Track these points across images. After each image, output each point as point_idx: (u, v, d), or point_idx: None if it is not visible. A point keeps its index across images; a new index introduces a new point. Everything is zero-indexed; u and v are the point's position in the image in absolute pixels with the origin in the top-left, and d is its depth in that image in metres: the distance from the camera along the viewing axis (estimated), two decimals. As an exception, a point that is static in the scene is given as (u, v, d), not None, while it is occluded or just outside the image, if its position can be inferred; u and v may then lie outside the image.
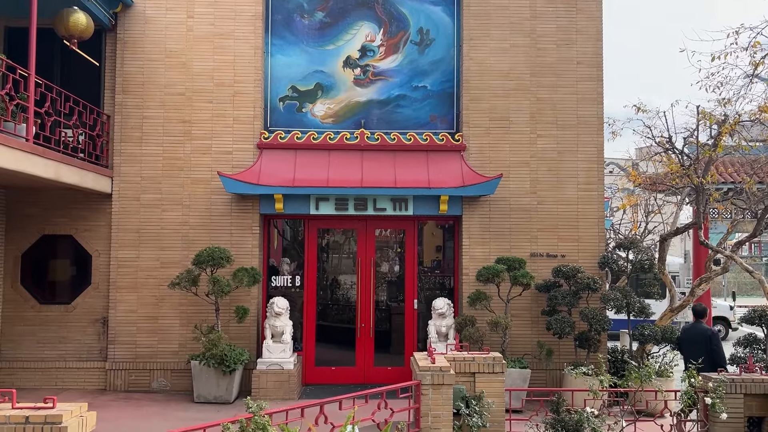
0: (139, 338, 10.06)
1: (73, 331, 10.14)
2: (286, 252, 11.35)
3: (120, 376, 9.98)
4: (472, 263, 10.41)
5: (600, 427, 6.92)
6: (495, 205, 10.51)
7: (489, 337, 9.80)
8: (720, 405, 7.17)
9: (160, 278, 10.07)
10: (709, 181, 9.74)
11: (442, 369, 7.03)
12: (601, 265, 10.37)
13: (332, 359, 10.88)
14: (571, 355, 10.00)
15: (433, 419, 6.97)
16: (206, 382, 9.29)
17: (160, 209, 10.24)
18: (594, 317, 9.57)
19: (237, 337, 10.00)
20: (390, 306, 11.27)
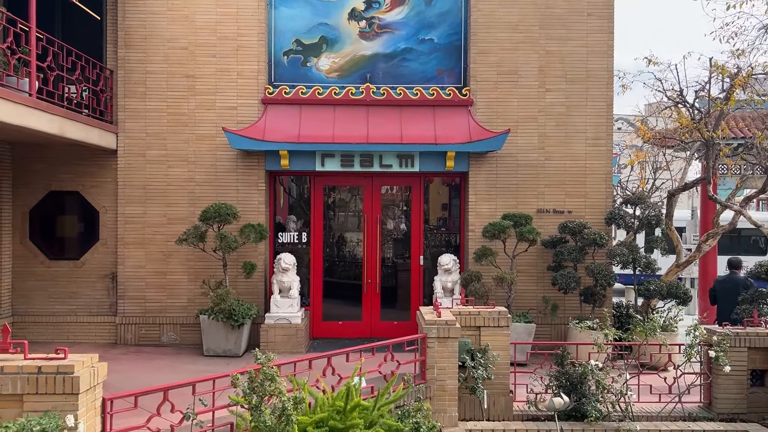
0: (148, 293, 10.17)
1: (82, 286, 10.25)
2: (292, 210, 11.35)
3: (130, 330, 10.13)
4: (478, 219, 10.40)
5: (604, 380, 7.01)
6: (502, 161, 10.43)
7: (494, 292, 9.85)
8: (723, 358, 7.24)
9: (167, 234, 10.11)
10: (719, 136, 9.61)
11: (447, 322, 7.10)
12: (608, 221, 10.33)
13: (339, 314, 11.00)
14: (576, 310, 10.07)
15: (438, 371, 7.08)
16: (215, 336, 9.42)
17: (165, 165, 10.21)
18: (600, 272, 9.59)
19: (245, 293, 10.10)
20: (396, 263, 11.32)
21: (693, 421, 7.30)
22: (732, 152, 11.23)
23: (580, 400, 7.08)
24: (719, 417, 7.40)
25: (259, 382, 4.85)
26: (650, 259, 9.93)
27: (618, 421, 7.05)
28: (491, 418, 7.36)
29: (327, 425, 5.33)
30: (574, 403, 7.06)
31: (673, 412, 7.46)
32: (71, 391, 4.20)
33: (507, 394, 7.52)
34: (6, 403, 4.19)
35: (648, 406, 7.54)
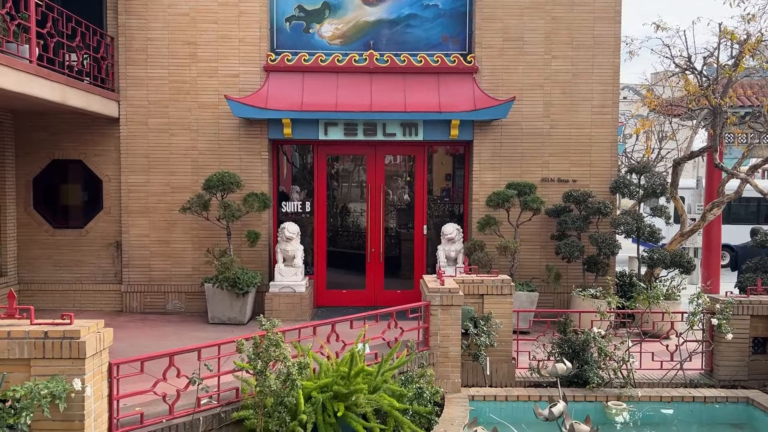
0: (153, 262, 10.21)
1: (87, 254, 10.30)
2: (295, 180, 11.31)
3: (135, 298, 10.21)
4: (482, 189, 10.36)
5: (606, 347, 7.05)
6: (507, 130, 10.34)
7: (498, 261, 9.87)
8: (726, 326, 7.27)
9: (170, 203, 10.11)
10: (727, 103, 9.49)
11: (451, 290, 7.13)
12: (613, 190, 10.28)
13: (343, 283, 11.05)
14: (579, 279, 10.08)
15: (441, 338, 7.13)
16: (220, 304, 9.48)
17: (168, 134, 10.16)
18: (603, 241, 9.58)
19: (249, 261, 10.13)
20: (400, 233, 11.32)
21: (694, 388, 7.36)
22: (739, 120, 11.11)
23: (582, 367, 7.14)
24: (720, 383, 7.45)
25: (264, 348, 4.89)
26: (654, 228, 9.91)
27: (620, 387, 7.12)
28: (494, 384, 7.44)
29: (331, 390, 5.39)
30: (577, 369, 7.12)
31: (675, 379, 7.51)
32: (78, 355, 4.23)
33: (509, 361, 7.57)
34: (14, 367, 4.24)
35: (649, 373, 7.60)
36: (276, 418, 4.95)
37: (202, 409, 5.14)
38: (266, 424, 4.95)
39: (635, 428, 6.82)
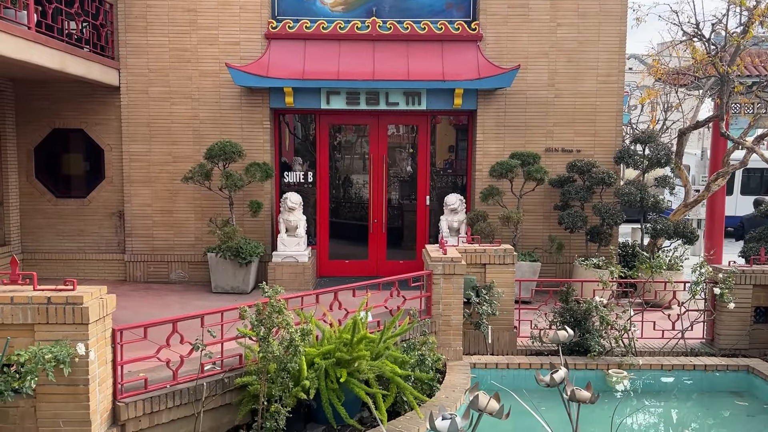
0: (156, 231, 10.22)
1: (90, 224, 10.30)
2: (298, 152, 11.24)
3: (139, 267, 10.24)
4: (485, 159, 10.29)
5: (608, 316, 7.06)
6: (511, 99, 10.23)
7: (500, 232, 9.86)
8: (728, 295, 7.27)
9: (172, 173, 10.08)
10: (734, 71, 9.35)
11: (453, 259, 7.13)
12: (617, 160, 10.21)
13: (345, 253, 11.06)
14: (581, 249, 10.07)
15: (444, 307, 7.15)
16: (223, 274, 9.51)
17: (169, 103, 10.08)
18: (607, 211, 9.54)
19: (251, 231, 10.14)
20: (402, 204, 11.29)
21: (695, 356, 7.40)
22: (746, 90, 10.97)
23: (584, 336, 7.17)
24: (721, 352, 7.49)
25: (267, 314, 4.90)
26: (658, 198, 9.86)
27: (621, 355, 7.16)
28: (495, 352, 7.48)
29: (334, 356, 5.42)
30: (578, 338, 7.15)
31: (676, 348, 7.55)
32: (81, 321, 4.25)
33: (511, 330, 7.61)
34: (18, 332, 4.26)
35: (651, 342, 7.63)
36: (279, 384, 4.99)
37: (206, 375, 5.18)
38: (269, 389, 4.99)
39: (636, 396, 6.87)
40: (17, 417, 4.36)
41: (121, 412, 4.66)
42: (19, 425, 4.36)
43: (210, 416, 5.22)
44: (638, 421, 6.44)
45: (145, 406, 4.77)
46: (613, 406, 6.34)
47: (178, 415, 5.01)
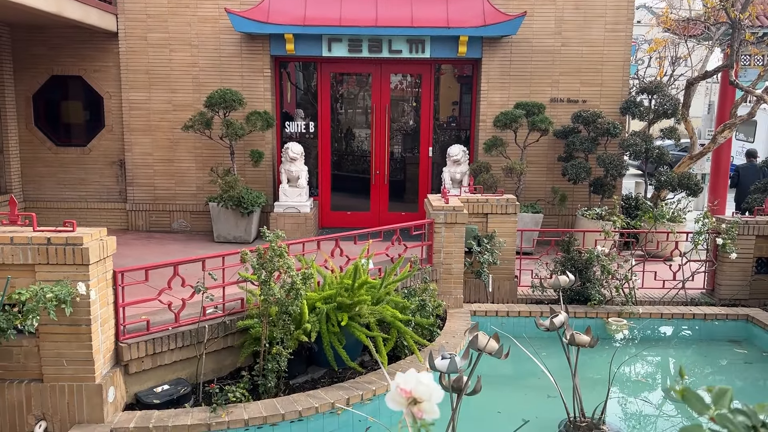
0: (157, 180, 10.18)
1: (91, 173, 10.27)
2: (299, 105, 11.09)
3: (141, 216, 10.24)
4: (489, 109, 10.15)
5: (609, 265, 7.07)
6: (516, 47, 10.03)
7: (503, 183, 9.79)
8: (731, 245, 7.26)
9: (173, 121, 9.98)
10: (746, 17, 9.12)
11: (455, 208, 7.10)
12: (623, 111, 10.06)
13: (347, 205, 11.03)
14: (585, 201, 10.03)
15: (445, 255, 7.16)
16: (225, 223, 9.52)
17: (168, 49, 9.90)
18: (611, 162, 9.46)
19: (253, 182, 10.09)
20: (405, 157, 11.20)
21: (695, 306, 7.43)
22: (757, 40, 10.73)
23: (584, 285, 7.20)
24: (721, 302, 7.52)
25: (268, 258, 4.90)
26: (663, 150, 9.76)
27: (621, 304, 7.19)
28: (495, 301, 7.52)
29: (335, 301, 5.45)
30: (579, 287, 7.18)
31: (676, 298, 7.58)
32: (81, 262, 4.25)
33: (512, 279, 7.64)
34: (19, 272, 4.26)
35: (651, 292, 7.66)
36: (280, 327, 5.02)
37: (208, 318, 5.21)
38: (271, 332, 5.03)
39: (635, 344, 6.93)
40: (21, 356, 4.41)
41: (123, 352, 4.71)
42: (23, 364, 4.42)
43: (212, 358, 5.28)
44: (637, 367, 6.51)
45: (147, 347, 4.82)
46: (611, 353, 6.40)
47: (181, 356, 5.06)
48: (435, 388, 1.13)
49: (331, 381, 5.31)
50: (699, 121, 17.24)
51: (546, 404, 5.46)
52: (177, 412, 4.57)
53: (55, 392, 4.39)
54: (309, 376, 5.41)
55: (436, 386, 1.14)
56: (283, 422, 4.61)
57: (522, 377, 6.24)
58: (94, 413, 4.41)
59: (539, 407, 5.40)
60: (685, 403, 0.88)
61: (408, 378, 1.14)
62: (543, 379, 5.43)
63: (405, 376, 1.16)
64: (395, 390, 1.13)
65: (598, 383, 5.91)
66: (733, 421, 0.82)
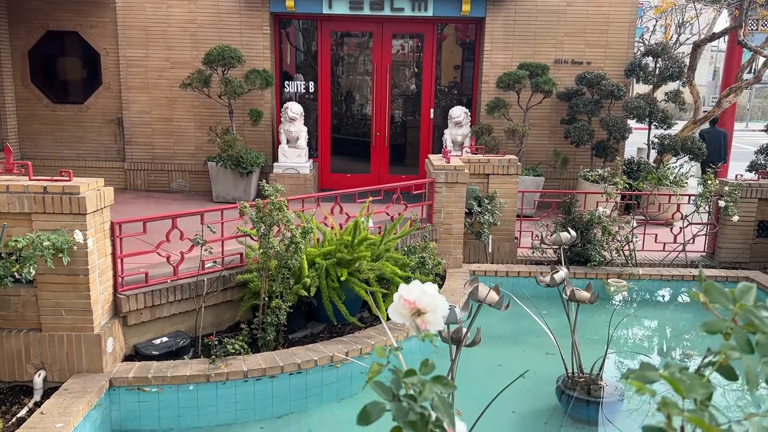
0: (155, 139, 10.08)
1: (88, 131, 10.15)
2: (299, 68, 10.92)
3: (139, 176, 10.17)
4: (492, 70, 10.00)
5: (611, 226, 7.03)
6: (521, 6, 9.83)
7: (505, 146, 9.70)
8: (733, 208, 7.21)
9: (171, 79, 9.83)
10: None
11: (456, 168, 7.03)
12: (628, 73, 9.91)
13: (347, 167, 10.95)
14: (587, 165, 9.95)
15: (445, 215, 7.12)
16: (224, 183, 9.45)
17: (165, 5, 9.70)
18: (614, 125, 9.35)
19: (252, 142, 9.99)
20: (406, 120, 11.07)
21: (695, 268, 7.42)
22: (766, 2, 10.53)
23: (585, 246, 7.17)
24: (721, 265, 7.51)
25: (267, 212, 4.85)
26: (667, 113, 9.64)
27: (621, 266, 7.18)
28: (495, 262, 7.51)
29: (335, 257, 5.42)
30: (579, 248, 7.15)
31: (676, 261, 7.56)
32: (78, 211, 4.20)
33: (512, 240, 7.61)
34: (15, 221, 4.22)
35: (651, 255, 7.64)
36: (280, 281, 5.00)
37: (206, 272, 5.19)
38: (270, 286, 5.01)
39: (634, 305, 6.94)
40: (19, 305, 4.39)
41: (122, 304, 4.70)
42: (22, 314, 4.40)
43: (211, 312, 5.27)
44: (635, 328, 6.53)
45: (146, 299, 4.80)
46: (610, 313, 6.41)
47: (180, 309, 5.05)
48: (440, 300, 1.09)
49: (330, 336, 5.32)
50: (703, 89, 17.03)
51: (544, 361, 5.48)
52: (176, 364, 4.58)
53: (54, 342, 4.38)
54: (308, 331, 5.42)
55: (441, 297, 1.09)
56: (282, 374, 4.62)
57: (520, 335, 6.25)
58: (93, 363, 4.41)
59: (537, 364, 5.42)
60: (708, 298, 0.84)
61: (412, 289, 1.09)
62: (541, 338, 5.45)
63: (408, 287, 1.11)
64: (398, 301, 1.09)
65: (595, 343, 5.92)
66: (758, 315, 0.78)
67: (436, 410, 0.94)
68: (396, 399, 0.96)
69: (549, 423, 4.69)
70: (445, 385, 0.98)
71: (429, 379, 0.97)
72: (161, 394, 4.42)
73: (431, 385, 0.97)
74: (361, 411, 0.95)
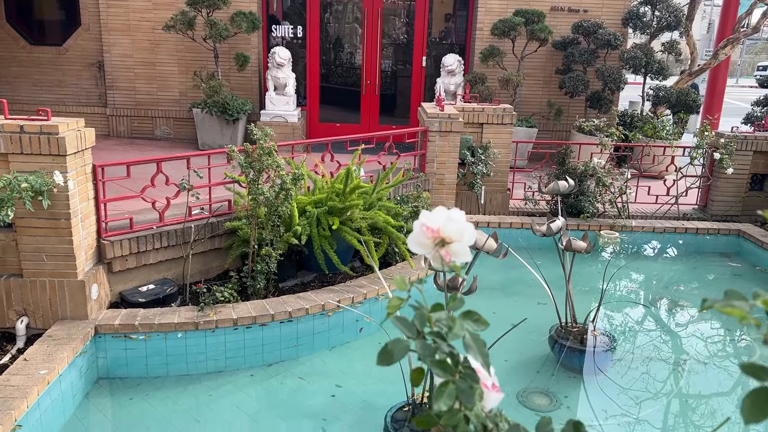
0: (138, 84, 9.74)
1: (68, 74, 9.78)
2: (287, 15, 10.51)
3: (122, 122, 9.86)
4: (487, 16, 9.70)
5: (605, 177, 6.93)
6: (518, -51, 9.49)
7: (498, 95, 9.50)
8: (728, 160, 7.13)
9: (153, 21, 9.43)
10: None
11: (450, 116, 6.86)
12: (625, 22, 9.67)
13: (336, 117, 10.69)
14: (580, 116, 9.78)
15: (438, 165, 6.97)
16: (210, 131, 9.19)
17: (146, -59, 9.24)
18: (610, 75, 9.17)
19: (238, 88, 9.69)
20: (397, 69, 10.78)
21: (687, 221, 7.38)
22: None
23: (578, 198, 7.09)
24: (713, 218, 7.48)
25: (256, 157, 4.68)
26: (663, 64, 9.46)
27: (614, 218, 7.12)
28: (487, 213, 7.41)
29: (326, 205, 5.28)
30: (572, 199, 7.07)
31: (668, 213, 7.52)
32: (58, 152, 4.00)
33: (505, 192, 7.50)
34: (-9, 162, 4.02)
35: (644, 207, 7.59)
36: (270, 229, 4.86)
37: (194, 219, 5.03)
38: (260, 234, 4.87)
39: (626, 256, 6.91)
40: (-1, 250, 4.23)
41: (106, 250, 4.54)
42: (1, 258, 4.24)
43: (199, 260, 5.14)
44: (628, 279, 6.50)
45: (131, 245, 4.65)
46: (603, 265, 6.37)
47: (166, 256, 4.91)
48: (468, 227, 0.96)
49: (322, 285, 5.22)
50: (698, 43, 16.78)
51: (536, 311, 5.44)
52: (163, 311, 4.47)
53: (36, 288, 4.24)
54: (299, 280, 5.32)
55: (470, 225, 0.96)
56: (272, 323, 4.54)
57: (510, 285, 6.21)
58: (77, 310, 4.29)
59: (530, 314, 5.35)
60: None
61: (435, 215, 0.96)
62: (533, 288, 5.40)
63: (431, 213, 0.98)
64: (419, 230, 0.96)
65: (585, 294, 5.90)
66: None
67: (468, 350, 0.82)
68: (421, 336, 0.83)
69: (541, 371, 4.67)
70: (477, 321, 0.85)
71: (459, 315, 0.85)
72: (148, 342, 4.32)
73: (461, 321, 0.84)
74: (381, 350, 0.82)
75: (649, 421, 4.14)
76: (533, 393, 4.34)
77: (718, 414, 4.23)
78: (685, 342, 5.32)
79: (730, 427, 4.04)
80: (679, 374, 4.74)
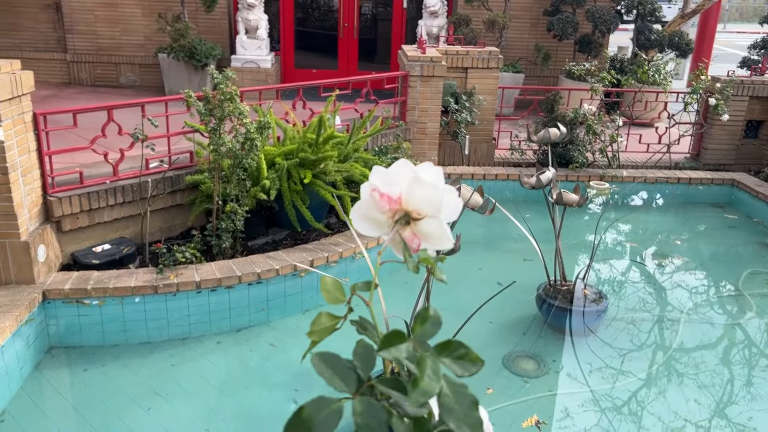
0: (99, 28, 9.07)
1: (23, 17, 9.06)
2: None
3: (84, 69, 9.22)
4: (472, -48, 9.10)
5: (595, 124, 6.57)
6: None
7: (484, 37, 8.97)
8: (723, 107, 6.79)
9: (112, -43, 8.73)
10: None
11: (432, 59, 6.40)
12: (618, -41, 9.14)
13: (313, 63, 10.12)
14: (570, 60, 9.33)
15: (420, 113, 6.56)
16: (177, 78, 8.62)
17: None
18: (600, 17, 8.69)
19: (207, 32, 9.06)
20: (377, 12, 10.17)
21: (680, 170, 7.08)
22: None
23: (567, 147, 6.73)
24: (705, 167, 7.18)
25: (217, 103, 4.23)
26: (656, 5, 8.98)
27: (604, 168, 6.79)
28: (471, 164, 7.05)
29: (297, 157, 4.87)
30: (561, 149, 6.71)
31: (660, 162, 7.20)
32: (-12, 98, 3.53)
33: (490, 142, 7.12)
34: None
35: (635, 156, 7.26)
36: (235, 183, 4.46)
37: (151, 172, 4.60)
38: (224, 189, 4.47)
39: (617, 207, 6.61)
40: (-71, 210, 3.79)
41: (54, 207, 4.12)
42: (-67, 219, 3.81)
43: (159, 217, 4.74)
44: (619, 233, 6.21)
45: (82, 202, 4.22)
46: (592, 217, 6.08)
47: (122, 214, 4.50)
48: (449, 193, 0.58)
49: (294, 243, 4.86)
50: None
51: (522, 267, 5.15)
52: (119, 273, 4.09)
53: (-26, 251, 3.83)
54: (269, 238, 4.95)
55: (451, 189, 0.58)
56: (239, 285, 4.18)
57: (494, 241, 5.90)
58: (22, 273, 3.89)
59: (515, 271, 5.09)
60: None
61: (394, 171, 0.58)
62: (518, 243, 5.09)
63: (388, 169, 0.60)
64: (368, 197, 0.58)
65: (573, 248, 5.60)
66: None
67: (446, 414, 0.45)
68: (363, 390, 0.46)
69: (527, 333, 4.40)
70: (461, 358, 0.48)
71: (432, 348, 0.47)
72: (103, 307, 3.96)
73: (434, 360, 0.47)
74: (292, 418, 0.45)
75: (643, 382, 3.90)
76: (519, 357, 4.08)
77: (725, 378, 3.99)
78: (682, 298, 5.06)
79: (729, 399, 3.81)
80: (674, 332, 4.50)
